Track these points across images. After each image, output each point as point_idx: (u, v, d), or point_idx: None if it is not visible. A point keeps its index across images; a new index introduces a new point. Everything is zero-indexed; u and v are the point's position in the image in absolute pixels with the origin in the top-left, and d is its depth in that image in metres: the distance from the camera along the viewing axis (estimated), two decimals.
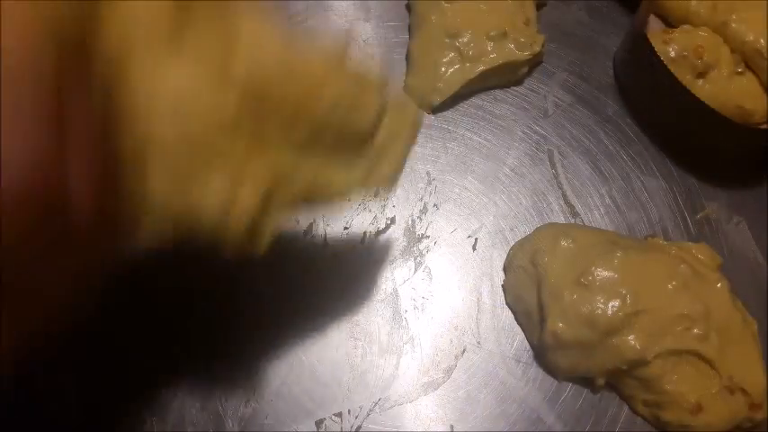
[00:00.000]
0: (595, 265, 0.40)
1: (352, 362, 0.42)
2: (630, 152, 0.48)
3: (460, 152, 0.48)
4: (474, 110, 0.49)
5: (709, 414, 0.38)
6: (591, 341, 0.38)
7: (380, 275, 0.44)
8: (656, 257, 0.41)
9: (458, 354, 0.42)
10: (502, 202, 0.46)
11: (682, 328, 0.38)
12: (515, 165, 0.47)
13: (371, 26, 0.52)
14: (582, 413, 0.41)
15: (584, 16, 0.53)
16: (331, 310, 0.43)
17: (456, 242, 0.45)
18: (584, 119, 0.49)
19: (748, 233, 0.46)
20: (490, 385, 0.41)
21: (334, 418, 0.40)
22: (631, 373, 0.39)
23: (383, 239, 0.45)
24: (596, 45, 0.52)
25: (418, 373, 0.42)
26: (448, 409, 0.41)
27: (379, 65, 0.31)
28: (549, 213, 0.46)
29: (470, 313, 0.43)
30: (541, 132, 0.49)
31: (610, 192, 0.47)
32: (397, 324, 0.43)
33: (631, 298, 0.38)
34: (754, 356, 0.39)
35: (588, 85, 0.50)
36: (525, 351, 0.42)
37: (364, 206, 0.46)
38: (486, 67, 0.47)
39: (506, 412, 0.41)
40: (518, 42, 0.47)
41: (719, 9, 0.46)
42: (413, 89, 0.49)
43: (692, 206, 0.47)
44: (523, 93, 0.50)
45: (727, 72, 0.45)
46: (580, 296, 0.39)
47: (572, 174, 0.47)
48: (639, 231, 0.46)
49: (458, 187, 0.47)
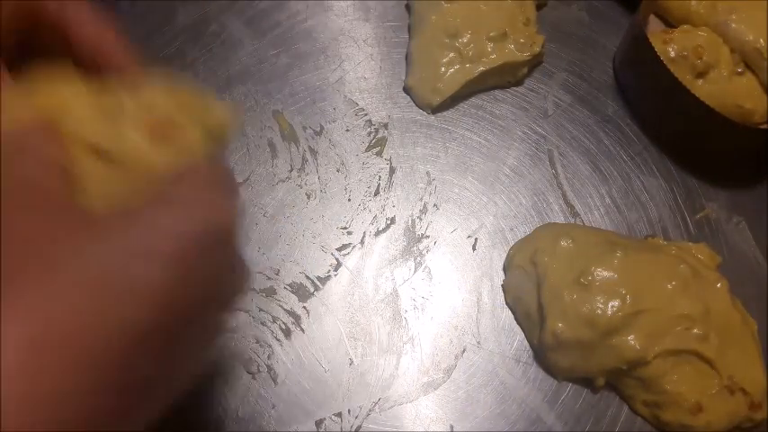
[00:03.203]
0: (595, 265, 0.40)
1: (353, 362, 0.42)
2: (630, 152, 0.48)
3: (460, 152, 0.48)
4: (474, 110, 0.49)
5: (709, 414, 0.38)
6: (591, 341, 0.38)
7: (380, 275, 0.44)
8: (656, 257, 0.41)
9: (458, 354, 0.42)
10: (502, 202, 0.46)
11: (681, 328, 0.38)
12: (515, 165, 0.48)
13: (371, 26, 0.52)
14: (582, 413, 0.41)
15: (585, 16, 0.53)
16: (331, 309, 0.43)
17: (456, 242, 0.45)
18: (584, 119, 0.49)
19: (748, 233, 0.46)
20: (490, 385, 0.41)
21: (334, 418, 0.40)
22: (631, 373, 0.39)
23: (383, 239, 0.45)
24: (596, 45, 0.52)
25: (418, 373, 0.42)
26: (448, 409, 0.41)
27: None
28: (549, 213, 0.46)
29: (470, 313, 0.43)
30: (541, 132, 0.49)
31: (610, 192, 0.47)
32: (397, 324, 0.43)
33: (631, 298, 0.38)
34: (754, 356, 0.40)
35: (588, 85, 0.50)
36: (525, 351, 0.42)
37: (364, 206, 0.46)
38: (486, 67, 0.47)
39: (506, 412, 0.41)
40: (518, 43, 0.48)
41: (719, 9, 0.46)
42: (413, 89, 0.49)
43: (692, 206, 0.47)
44: (523, 93, 0.50)
45: (727, 72, 0.45)
46: (580, 296, 0.39)
47: (572, 174, 0.47)
48: (639, 231, 0.46)
49: (458, 187, 0.47)
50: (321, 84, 0.50)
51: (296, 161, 0.47)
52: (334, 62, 0.50)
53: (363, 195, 0.46)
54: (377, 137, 0.48)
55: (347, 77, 0.50)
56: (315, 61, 0.50)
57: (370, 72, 0.50)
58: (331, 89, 0.49)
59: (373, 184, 0.47)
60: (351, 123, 0.48)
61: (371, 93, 0.49)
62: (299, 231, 0.45)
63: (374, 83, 0.50)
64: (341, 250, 0.45)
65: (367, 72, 0.50)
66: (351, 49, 0.51)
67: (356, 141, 0.48)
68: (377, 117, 0.49)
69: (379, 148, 0.48)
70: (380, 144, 0.48)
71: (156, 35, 0.51)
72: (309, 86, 0.49)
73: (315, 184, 0.46)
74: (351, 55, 0.51)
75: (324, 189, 0.46)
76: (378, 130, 0.48)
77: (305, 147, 0.48)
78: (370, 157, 0.47)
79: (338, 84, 0.49)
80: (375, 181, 0.47)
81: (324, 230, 0.45)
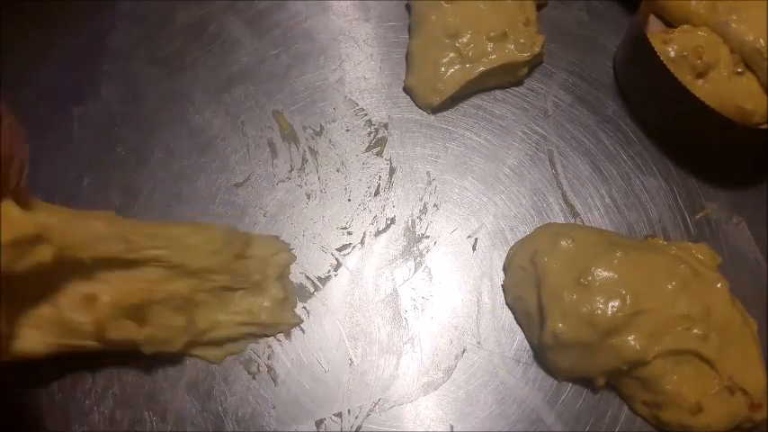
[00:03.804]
0: (595, 266, 0.40)
1: (353, 362, 0.42)
2: (630, 152, 0.48)
3: (460, 152, 0.48)
4: (474, 110, 0.49)
5: (709, 414, 0.38)
6: (591, 341, 0.38)
7: (380, 275, 0.44)
8: (656, 257, 0.41)
9: (458, 354, 0.42)
10: (502, 202, 0.46)
11: (681, 328, 0.38)
12: (515, 165, 0.48)
13: (371, 26, 0.52)
14: (582, 413, 0.41)
15: (585, 16, 0.53)
16: (331, 310, 0.43)
17: (456, 242, 0.45)
18: (584, 119, 0.49)
19: (748, 233, 0.46)
20: (490, 385, 0.41)
21: (334, 418, 0.40)
22: (631, 374, 0.39)
23: (383, 239, 0.45)
24: (596, 45, 0.52)
25: (418, 374, 0.42)
26: (448, 409, 0.41)
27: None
28: (549, 213, 0.46)
29: (470, 313, 0.43)
30: (541, 132, 0.49)
31: (610, 192, 0.47)
32: (397, 324, 0.43)
33: (631, 298, 0.38)
34: (754, 356, 0.39)
35: (588, 85, 0.50)
36: (525, 351, 0.42)
37: (364, 206, 0.46)
38: (486, 67, 0.47)
39: (506, 412, 0.41)
40: (518, 43, 0.47)
41: (719, 9, 0.46)
42: (413, 89, 0.49)
43: (692, 206, 0.47)
44: (523, 93, 0.50)
45: (727, 72, 0.45)
46: (580, 296, 0.39)
47: (572, 174, 0.47)
48: (639, 231, 0.46)
49: (458, 187, 0.47)
50: (321, 84, 0.50)
51: (296, 161, 0.47)
52: (334, 62, 0.50)
53: (363, 195, 0.46)
54: (377, 137, 0.48)
55: (347, 77, 0.50)
56: (315, 61, 0.50)
57: (370, 72, 0.50)
58: (331, 89, 0.49)
59: (373, 184, 0.47)
60: (351, 123, 0.48)
61: (371, 93, 0.49)
62: (299, 231, 0.45)
63: (374, 83, 0.50)
64: (341, 250, 0.45)
65: (367, 72, 0.50)
66: (351, 49, 0.51)
67: (356, 141, 0.48)
68: (377, 117, 0.49)
69: (379, 148, 0.48)
70: (380, 144, 0.48)
71: (156, 35, 0.51)
72: (309, 86, 0.49)
73: (315, 184, 0.46)
74: (351, 55, 0.51)
75: (324, 189, 0.46)
76: (378, 130, 0.48)
77: (305, 147, 0.48)
78: (370, 157, 0.47)
79: (338, 84, 0.49)
80: (375, 181, 0.47)
81: (324, 230, 0.45)
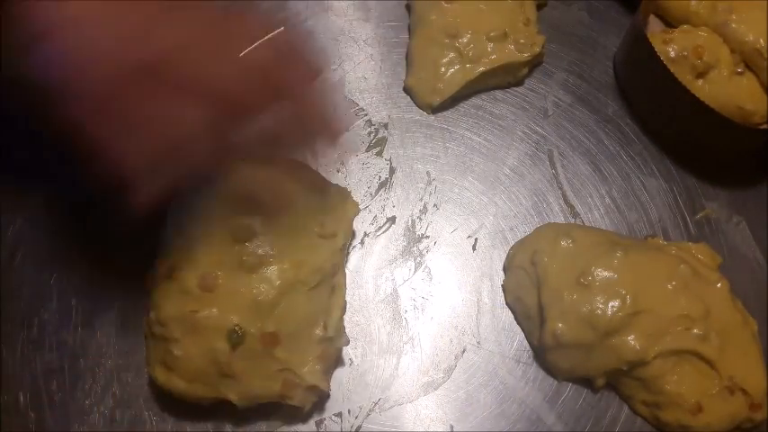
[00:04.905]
0: (595, 266, 0.40)
1: (353, 362, 0.42)
2: (630, 152, 0.48)
3: (460, 152, 0.48)
4: (474, 110, 0.49)
5: (709, 414, 0.38)
6: (591, 341, 0.38)
7: (380, 275, 0.44)
8: (656, 257, 0.41)
9: (458, 354, 0.42)
10: (502, 202, 0.46)
11: (681, 328, 0.38)
12: (515, 165, 0.48)
13: (371, 26, 0.52)
14: (582, 413, 0.41)
15: (585, 16, 0.53)
16: None
17: (456, 242, 0.45)
18: (585, 119, 0.49)
19: (748, 233, 0.46)
20: (490, 385, 0.41)
21: (334, 418, 0.40)
22: (631, 374, 0.39)
23: (383, 239, 0.45)
24: (596, 45, 0.52)
25: (418, 373, 0.42)
26: (448, 409, 0.41)
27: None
28: (549, 213, 0.46)
29: (470, 313, 0.43)
30: (541, 132, 0.49)
31: (610, 192, 0.47)
32: (397, 324, 0.43)
33: (631, 298, 0.38)
34: (754, 356, 0.39)
35: (588, 85, 0.50)
36: (525, 351, 0.42)
37: (364, 206, 0.46)
38: (486, 68, 0.47)
39: (506, 412, 0.41)
40: (518, 43, 0.48)
41: (719, 9, 0.46)
42: (413, 89, 0.49)
43: (692, 206, 0.47)
44: (523, 93, 0.50)
45: (727, 72, 0.45)
46: (580, 296, 0.39)
47: (572, 174, 0.47)
48: (639, 231, 0.46)
49: (458, 187, 0.47)
50: (321, 84, 0.49)
51: None
52: (334, 62, 0.50)
53: (363, 195, 0.46)
54: (377, 137, 0.48)
55: (347, 77, 0.50)
56: None
57: (370, 72, 0.50)
58: (331, 89, 0.49)
59: (373, 185, 0.47)
60: (351, 123, 0.48)
61: (371, 93, 0.49)
62: None
63: (374, 83, 0.50)
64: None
65: (367, 72, 0.50)
66: (351, 49, 0.51)
67: (356, 141, 0.48)
68: (377, 117, 0.49)
69: (379, 148, 0.48)
70: (380, 144, 0.48)
71: None
72: None
73: None
74: (351, 55, 0.51)
75: None
76: (378, 130, 0.48)
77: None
78: (370, 157, 0.47)
79: (338, 84, 0.49)
80: (375, 181, 0.47)
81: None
